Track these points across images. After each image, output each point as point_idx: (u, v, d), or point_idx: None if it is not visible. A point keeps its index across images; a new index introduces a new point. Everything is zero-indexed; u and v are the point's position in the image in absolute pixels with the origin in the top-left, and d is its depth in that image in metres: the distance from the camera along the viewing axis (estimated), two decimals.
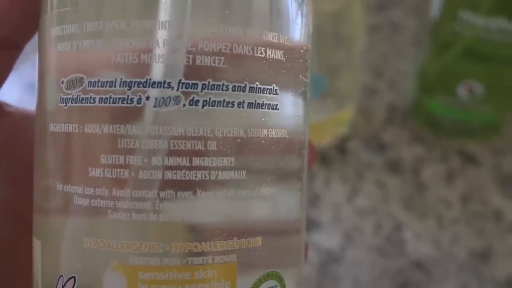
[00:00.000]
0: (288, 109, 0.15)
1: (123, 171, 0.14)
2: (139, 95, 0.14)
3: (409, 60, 0.49)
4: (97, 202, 0.14)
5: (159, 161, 0.14)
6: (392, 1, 0.53)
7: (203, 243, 0.14)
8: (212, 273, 0.14)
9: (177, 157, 0.14)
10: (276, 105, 0.15)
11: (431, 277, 0.40)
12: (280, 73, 0.15)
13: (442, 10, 0.39)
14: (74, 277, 0.14)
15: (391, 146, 0.45)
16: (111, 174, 0.14)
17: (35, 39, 0.18)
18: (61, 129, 0.15)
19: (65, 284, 0.14)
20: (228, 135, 0.14)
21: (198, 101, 0.14)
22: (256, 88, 0.14)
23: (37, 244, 0.16)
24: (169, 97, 0.14)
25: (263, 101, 0.15)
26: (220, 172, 0.14)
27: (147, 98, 0.14)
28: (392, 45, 0.51)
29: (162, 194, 0.14)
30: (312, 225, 0.41)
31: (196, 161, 0.14)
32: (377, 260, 0.40)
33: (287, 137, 0.15)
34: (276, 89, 0.15)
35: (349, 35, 0.39)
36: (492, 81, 0.40)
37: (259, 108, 0.14)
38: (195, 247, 0.14)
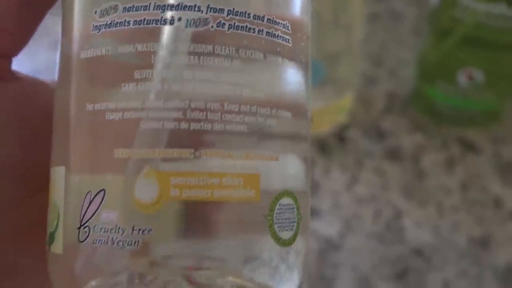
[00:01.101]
0: (298, 45, 0.17)
1: (157, 84, 0.15)
2: (172, 17, 0.15)
3: (409, 48, 0.49)
4: (130, 114, 0.15)
5: (190, 75, 0.15)
6: None
7: (230, 151, 0.15)
8: (238, 180, 0.15)
9: (206, 72, 0.15)
10: (289, 39, 0.17)
11: (430, 265, 0.40)
12: (292, 12, 0.17)
13: None
14: (103, 189, 0.15)
15: (391, 134, 0.45)
16: (145, 88, 0.15)
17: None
18: (93, 54, 0.16)
19: (93, 199, 0.15)
20: (250, 56, 0.16)
21: (224, 24, 0.15)
22: (273, 20, 0.16)
23: (58, 171, 0.16)
24: (199, 18, 0.15)
25: (278, 33, 0.16)
26: (243, 88, 0.16)
27: (179, 19, 0.15)
28: (392, 33, 0.51)
29: (192, 104, 0.15)
30: (311, 213, 0.41)
31: (223, 76, 0.15)
32: (376, 247, 0.40)
33: (296, 69, 0.17)
34: (288, 26, 0.17)
35: (349, 23, 0.39)
36: (492, 68, 0.40)
37: (275, 38, 0.16)
38: (223, 154, 0.15)
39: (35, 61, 0.48)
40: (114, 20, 0.15)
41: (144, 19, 0.15)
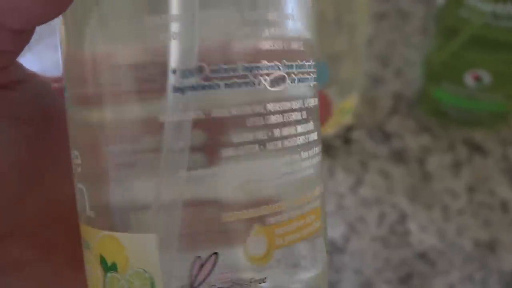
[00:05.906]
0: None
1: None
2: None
3: (416, 48, 0.48)
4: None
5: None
6: None
7: (308, 194, 0.17)
8: (314, 216, 0.17)
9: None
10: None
11: (435, 269, 0.39)
12: None
13: None
14: (216, 253, 0.16)
15: (396, 136, 0.45)
16: None
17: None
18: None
19: (204, 263, 0.16)
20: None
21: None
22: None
23: (144, 239, 0.16)
24: None
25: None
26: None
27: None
28: (399, 33, 0.50)
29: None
30: None
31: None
32: (381, 251, 0.40)
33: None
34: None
35: (352, 22, 0.38)
36: (499, 69, 0.39)
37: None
38: (306, 199, 0.17)
39: (42, 61, 0.48)
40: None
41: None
